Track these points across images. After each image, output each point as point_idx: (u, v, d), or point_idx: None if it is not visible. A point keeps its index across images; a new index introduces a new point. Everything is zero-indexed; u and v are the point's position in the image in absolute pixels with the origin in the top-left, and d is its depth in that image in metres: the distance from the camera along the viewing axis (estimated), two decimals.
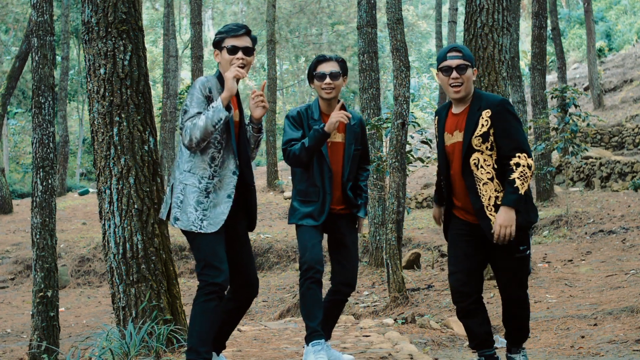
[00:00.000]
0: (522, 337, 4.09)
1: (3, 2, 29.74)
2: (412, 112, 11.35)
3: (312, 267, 4.08)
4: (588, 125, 14.53)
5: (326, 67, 4.28)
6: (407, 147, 9.24)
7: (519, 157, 3.80)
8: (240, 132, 4.03)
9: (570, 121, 14.05)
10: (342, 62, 4.34)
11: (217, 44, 3.99)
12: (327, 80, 4.26)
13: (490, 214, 3.85)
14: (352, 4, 34.39)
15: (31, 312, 8.61)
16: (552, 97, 14.77)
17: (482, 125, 3.86)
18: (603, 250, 10.66)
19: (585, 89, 27.52)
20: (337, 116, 4.13)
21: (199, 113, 3.83)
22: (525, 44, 32.66)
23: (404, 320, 6.62)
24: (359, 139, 4.39)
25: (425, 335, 5.92)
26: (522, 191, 3.75)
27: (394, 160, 8.52)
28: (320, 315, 4.08)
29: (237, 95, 4.12)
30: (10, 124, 34.95)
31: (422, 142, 9.54)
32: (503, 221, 3.75)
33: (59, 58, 27.93)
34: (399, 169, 8.52)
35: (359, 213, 4.36)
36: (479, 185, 3.88)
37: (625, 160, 17.34)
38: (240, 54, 3.92)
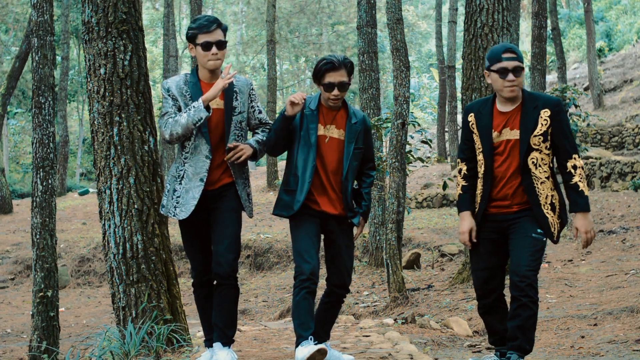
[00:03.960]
0: (522, 341, 3.90)
1: (3, 2, 29.73)
2: (412, 112, 11.36)
3: (309, 278, 4.00)
4: (588, 125, 14.52)
5: (335, 77, 4.10)
6: (407, 147, 9.24)
7: (575, 158, 3.93)
8: (226, 118, 4.18)
9: (571, 121, 14.04)
10: (349, 67, 4.16)
11: (192, 39, 4.18)
12: (335, 92, 4.12)
13: (547, 212, 3.95)
14: (352, 4, 34.37)
15: (31, 312, 8.61)
16: None
17: (542, 124, 3.92)
18: (603, 250, 10.66)
19: (585, 89, 27.51)
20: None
21: (169, 112, 4.15)
22: (525, 44, 32.64)
23: (404, 320, 6.62)
24: (360, 138, 4.24)
25: (425, 335, 5.91)
26: (587, 193, 3.92)
27: (394, 160, 8.52)
28: (312, 326, 4.03)
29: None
30: (10, 124, 34.94)
31: (422, 142, 9.54)
32: (586, 227, 3.90)
33: (59, 58, 27.92)
34: (399, 169, 8.52)
35: (354, 219, 4.24)
36: (537, 184, 3.95)
37: (625, 160, 17.34)
38: (214, 49, 4.13)
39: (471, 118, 4.09)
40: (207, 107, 4.05)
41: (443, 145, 26.81)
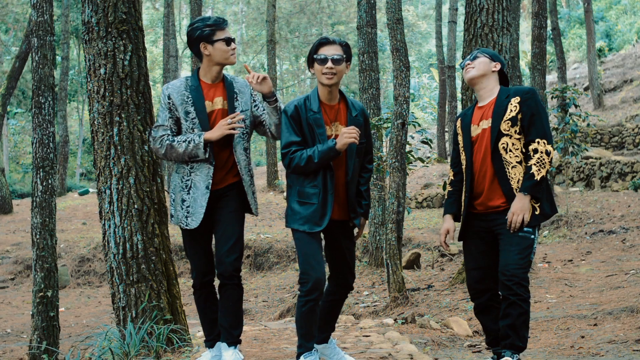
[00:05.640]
0: (514, 339, 3.94)
1: (3, 2, 29.72)
2: (412, 112, 11.36)
3: (317, 288, 3.88)
4: (588, 125, 14.54)
5: (328, 51, 3.98)
6: (407, 147, 9.24)
7: (538, 142, 3.95)
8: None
9: (571, 121, 14.05)
10: (346, 47, 4.02)
11: (207, 38, 4.13)
12: (329, 64, 3.95)
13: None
14: (352, 4, 34.38)
15: (31, 312, 8.61)
16: (552, 97, 14.77)
17: (511, 110, 4.01)
18: (603, 250, 10.65)
19: (585, 89, 27.51)
20: (350, 136, 3.89)
21: (164, 126, 4.12)
22: (525, 44, 32.65)
23: (404, 320, 6.62)
24: (362, 131, 4.12)
25: (425, 335, 5.91)
26: (537, 177, 3.90)
27: (394, 160, 8.52)
28: (316, 334, 4.03)
29: (225, 81, 4.24)
30: (10, 124, 34.94)
31: (422, 142, 9.54)
32: (516, 209, 3.91)
33: (59, 58, 27.91)
34: (399, 169, 8.52)
35: (356, 221, 4.13)
36: (507, 169, 4.00)
37: (625, 160, 17.35)
38: (233, 45, 4.17)
39: (458, 122, 4.27)
40: (206, 145, 4.06)
41: (443, 145, 26.81)
